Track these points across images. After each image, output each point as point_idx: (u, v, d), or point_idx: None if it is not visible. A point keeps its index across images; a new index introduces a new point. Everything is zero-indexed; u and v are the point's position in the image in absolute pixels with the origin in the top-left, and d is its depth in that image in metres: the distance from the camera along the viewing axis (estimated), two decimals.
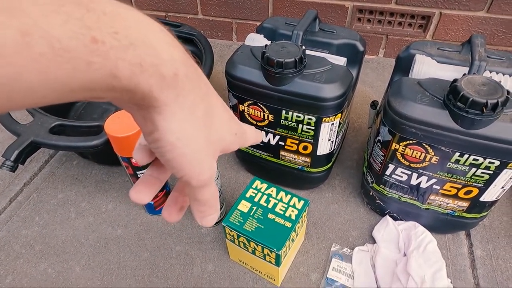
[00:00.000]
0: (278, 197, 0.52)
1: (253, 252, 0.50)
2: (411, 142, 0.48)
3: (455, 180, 0.49)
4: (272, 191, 0.53)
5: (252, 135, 0.30)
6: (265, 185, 0.54)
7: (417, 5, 0.88)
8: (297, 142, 0.57)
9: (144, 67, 0.17)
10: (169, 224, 0.63)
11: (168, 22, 0.86)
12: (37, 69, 0.14)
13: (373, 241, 0.59)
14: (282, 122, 0.55)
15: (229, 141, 0.26)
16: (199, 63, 0.24)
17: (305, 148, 0.58)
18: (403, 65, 0.57)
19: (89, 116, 0.80)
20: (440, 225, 0.58)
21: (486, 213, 0.54)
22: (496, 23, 0.87)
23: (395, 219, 0.61)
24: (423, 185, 0.52)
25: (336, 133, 0.56)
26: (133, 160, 0.45)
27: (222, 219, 0.50)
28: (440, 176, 0.50)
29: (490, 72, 0.50)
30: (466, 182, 0.49)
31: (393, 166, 0.52)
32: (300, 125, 0.54)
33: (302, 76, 0.50)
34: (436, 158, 0.48)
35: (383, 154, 0.52)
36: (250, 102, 0.55)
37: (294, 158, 0.61)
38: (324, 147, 0.57)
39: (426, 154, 0.48)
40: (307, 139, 0.56)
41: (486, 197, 0.50)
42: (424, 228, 0.58)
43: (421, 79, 0.49)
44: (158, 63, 0.18)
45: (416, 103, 0.45)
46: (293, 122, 0.54)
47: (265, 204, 0.51)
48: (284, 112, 0.53)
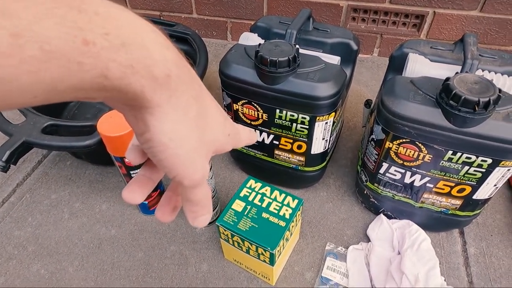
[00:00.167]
0: (272, 196, 0.52)
1: (248, 252, 0.50)
2: (405, 141, 0.48)
3: (448, 178, 0.50)
4: (266, 190, 0.53)
5: (246, 136, 0.30)
6: (259, 184, 0.54)
7: (411, 4, 0.89)
8: (291, 141, 0.57)
9: (136, 68, 0.17)
10: (163, 224, 0.63)
11: (162, 22, 0.86)
12: (28, 71, 0.14)
13: (368, 240, 0.60)
14: (276, 121, 0.55)
15: (223, 142, 0.26)
16: (193, 64, 0.24)
17: (299, 147, 0.58)
18: (397, 64, 0.57)
19: (83, 116, 0.80)
20: (434, 223, 0.58)
21: (479, 211, 0.55)
22: (489, 22, 0.87)
23: (389, 218, 0.61)
24: (417, 184, 0.53)
25: (330, 132, 0.56)
26: (126, 160, 0.45)
27: (216, 219, 0.50)
28: (434, 175, 0.50)
29: (483, 71, 0.50)
30: (459, 180, 0.49)
31: (387, 165, 0.53)
32: (294, 124, 0.54)
33: (296, 75, 0.50)
34: (429, 157, 0.48)
35: (377, 153, 0.53)
36: (244, 101, 0.55)
37: (289, 157, 0.61)
38: (318, 146, 0.57)
39: (419, 153, 0.48)
40: (301, 138, 0.56)
41: (479, 195, 0.50)
42: (418, 227, 0.58)
43: (414, 78, 0.49)
44: (150, 64, 0.18)
45: (409, 102, 0.46)
46: (287, 121, 0.54)
47: (259, 203, 0.51)
48: (278, 111, 0.53)
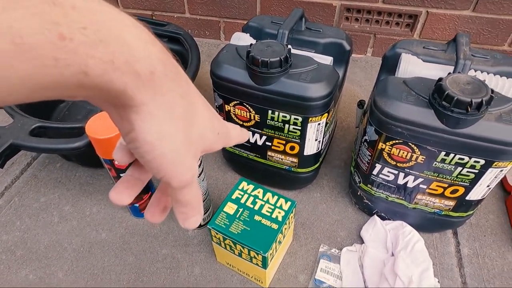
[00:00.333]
0: (265, 199, 0.52)
1: (240, 255, 0.50)
2: (398, 142, 0.48)
3: (442, 179, 0.49)
4: (259, 193, 0.52)
5: (237, 134, 0.29)
6: (252, 186, 0.53)
7: (404, 4, 0.89)
8: (284, 142, 0.57)
9: (117, 65, 0.17)
10: (155, 227, 0.62)
11: (154, 21, 0.85)
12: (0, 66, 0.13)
13: (361, 241, 0.59)
14: (269, 122, 0.54)
15: (212, 141, 0.25)
16: (179, 61, 0.23)
17: (292, 148, 0.57)
18: (390, 64, 0.56)
19: (73, 117, 0.78)
20: (427, 224, 0.58)
21: (473, 212, 0.54)
22: (482, 22, 0.87)
23: (383, 219, 0.60)
24: (410, 185, 0.52)
25: (323, 133, 0.56)
26: (116, 162, 0.44)
27: (208, 221, 0.50)
28: (427, 176, 0.50)
29: (475, 71, 0.50)
30: (452, 181, 0.49)
31: (380, 166, 0.52)
32: (287, 125, 0.53)
33: (288, 76, 0.50)
34: (422, 158, 0.48)
35: (370, 154, 0.52)
36: (236, 102, 0.54)
37: (281, 159, 0.60)
38: (311, 147, 0.57)
39: (412, 154, 0.48)
40: (294, 139, 0.55)
41: (472, 196, 0.50)
42: (412, 228, 0.57)
43: (407, 78, 0.49)
44: (133, 60, 0.17)
45: (402, 103, 0.45)
46: (280, 122, 0.54)
47: (252, 206, 0.51)
48: (270, 112, 0.53)
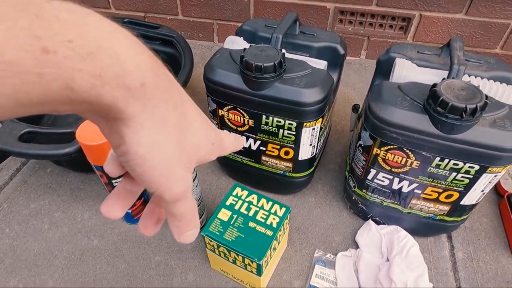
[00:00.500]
0: (259, 205, 0.51)
1: (234, 262, 0.49)
2: (392, 147, 0.47)
3: (436, 185, 0.49)
4: (253, 198, 0.52)
5: (231, 143, 0.29)
6: (246, 192, 0.53)
7: (398, 7, 0.89)
8: (278, 147, 0.56)
9: (105, 78, 0.16)
10: None
11: (147, 24, 0.84)
12: None
13: (356, 246, 0.59)
14: (263, 127, 0.54)
15: (206, 151, 0.24)
16: (171, 70, 0.22)
17: (287, 153, 0.57)
18: (384, 69, 0.56)
19: (64, 121, 0.77)
20: (422, 229, 0.58)
21: (467, 216, 0.55)
22: (474, 25, 0.88)
23: (378, 223, 0.60)
24: (405, 190, 0.52)
25: (318, 138, 0.56)
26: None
27: (202, 228, 0.49)
28: (421, 181, 0.50)
29: (469, 76, 0.50)
30: (447, 186, 0.49)
31: (375, 171, 0.52)
32: (281, 130, 0.53)
33: (282, 81, 0.49)
34: (417, 163, 0.47)
35: (365, 159, 0.52)
36: (230, 107, 0.54)
37: (276, 163, 0.59)
38: (306, 152, 0.56)
39: (407, 159, 0.48)
40: (288, 144, 0.55)
41: (467, 201, 0.50)
42: (407, 232, 0.57)
43: (401, 83, 0.48)
44: (122, 73, 0.16)
45: (397, 108, 0.45)
46: (274, 127, 0.53)
47: (246, 212, 0.50)
48: (264, 117, 0.52)
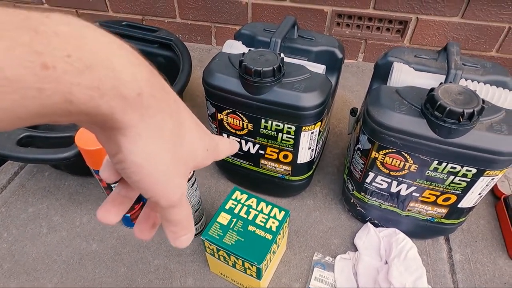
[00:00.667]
0: (259, 208, 0.51)
1: (234, 266, 0.49)
2: (391, 151, 0.48)
3: (434, 188, 0.50)
4: (253, 202, 0.52)
5: (226, 147, 0.29)
6: (245, 196, 0.53)
7: (395, 11, 0.89)
8: (277, 151, 0.56)
9: (103, 90, 0.16)
10: None
11: (145, 27, 0.84)
12: None
13: (355, 249, 0.59)
14: (262, 131, 0.54)
15: (202, 158, 0.25)
16: (167, 80, 0.23)
17: (286, 157, 0.57)
18: (382, 72, 0.57)
19: (62, 125, 0.77)
20: (420, 231, 0.59)
21: (464, 219, 0.55)
22: (470, 29, 0.89)
23: (376, 226, 0.61)
24: (403, 193, 0.52)
25: (316, 141, 0.56)
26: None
27: (202, 232, 0.49)
28: (419, 184, 0.50)
29: (466, 80, 0.50)
30: (445, 190, 0.49)
31: (373, 174, 0.52)
32: (280, 134, 0.53)
33: (281, 85, 0.49)
34: (415, 167, 0.48)
35: (363, 162, 0.52)
36: (229, 111, 0.54)
37: (275, 167, 0.60)
38: (305, 156, 0.57)
39: (405, 163, 0.48)
40: (287, 148, 0.55)
41: (464, 204, 0.51)
42: (405, 235, 0.58)
43: (399, 88, 0.49)
44: (118, 84, 0.17)
45: (395, 112, 0.45)
46: (273, 131, 0.53)
47: (245, 216, 0.50)
48: (263, 121, 0.52)
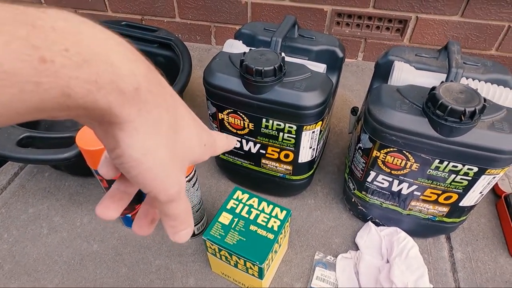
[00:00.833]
0: (260, 208, 0.51)
1: (236, 265, 0.49)
2: (392, 150, 0.48)
3: (435, 186, 0.50)
4: (254, 202, 0.52)
5: (223, 143, 0.29)
6: (247, 196, 0.53)
7: (394, 10, 0.89)
8: (278, 150, 0.56)
9: (101, 84, 0.16)
10: (148, 237, 0.61)
11: (145, 27, 0.83)
12: None
13: (356, 248, 0.59)
14: (263, 131, 0.54)
15: (199, 153, 0.25)
16: (164, 75, 0.23)
17: (287, 156, 0.57)
18: (382, 71, 0.57)
19: (62, 125, 0.77)
20: (422, 230, 0.59)
21: (465, 217, 0.55)
22: (470, 27, 0.89)
23: (378, 225, 0.61)
24: (404, 192, 0.52)
25: (317, 141, 0.56)
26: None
27: (203, 232, 0.49)
28: (421, 183, 0.50)
29: (467, 79, 0.50)
30: (446, 188, 0.49)
31: (375, 173, 0.52)
32: (281, 134, 0.53)
33: (282, 84, 0.49)
34: (417, 165, 0.48)
35: (364, 161, 0.52)
36: (230, 111, 0.54)
37: (276, 166, 0.60)
38: (306, 155, 0.56)
39: (407, 162, 0.48)
40: (288, 147, 0.55)
41: (465, 202, 0.51)
42: (406, 234, 0.58)
43: (400, 86, 0.49)
44: (116, 79, 0.17)
45: (396, 111, 0.45)
46: (274, 131, 0.53)
47: (247, 216, 0.50)
48: (264, 121, 0.52)
